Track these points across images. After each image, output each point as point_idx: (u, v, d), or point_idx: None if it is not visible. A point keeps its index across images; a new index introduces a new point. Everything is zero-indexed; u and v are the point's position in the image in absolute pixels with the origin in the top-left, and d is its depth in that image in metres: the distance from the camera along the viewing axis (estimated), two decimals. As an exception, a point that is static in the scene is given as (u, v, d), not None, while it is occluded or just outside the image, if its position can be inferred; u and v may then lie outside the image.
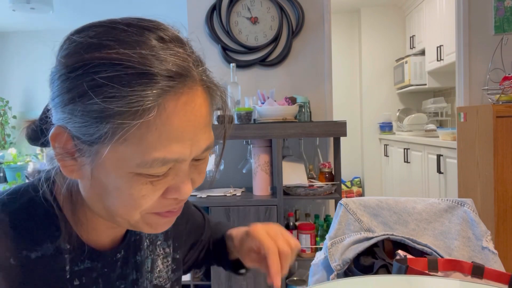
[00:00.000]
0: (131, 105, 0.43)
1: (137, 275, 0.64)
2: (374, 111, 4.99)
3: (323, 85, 2.57)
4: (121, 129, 0.44)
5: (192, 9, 2.59)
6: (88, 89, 0.44)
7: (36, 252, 0.51)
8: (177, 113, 0.45)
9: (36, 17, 4.17)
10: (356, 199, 1.23)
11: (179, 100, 0.45)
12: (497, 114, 2.17)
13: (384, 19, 4.96)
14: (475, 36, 2.67)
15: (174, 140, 0.46)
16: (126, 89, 0.43)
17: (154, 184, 0.48)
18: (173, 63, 0.45)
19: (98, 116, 0.44)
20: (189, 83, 0.47)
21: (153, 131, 0.45)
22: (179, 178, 0.50)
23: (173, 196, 0.51)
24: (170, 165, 0.48)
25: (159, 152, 0.45)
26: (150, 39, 0.46)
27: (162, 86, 0.44)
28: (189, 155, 0.49)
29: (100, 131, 0.44)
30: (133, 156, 0.45)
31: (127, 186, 0.48)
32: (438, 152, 3.26)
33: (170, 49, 0.46)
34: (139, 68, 0.44)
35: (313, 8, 2.56)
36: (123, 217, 0.51)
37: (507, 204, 2.16)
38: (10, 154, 4.47)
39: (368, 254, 1.09)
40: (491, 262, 1.04)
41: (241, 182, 2.54)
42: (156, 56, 0.45)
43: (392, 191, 4.60)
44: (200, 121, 0.48)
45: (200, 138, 0.49)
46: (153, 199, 0.50)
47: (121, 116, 0.43)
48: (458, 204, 1.15)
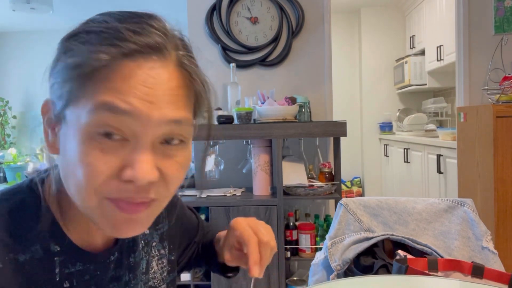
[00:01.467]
0: (88, 61, 0.46)
1: (130, 277, 0.63)
2: (374, 111, 4.99)
3: (323, 85, 2.57)
4: (78, 85, 0.46)
5: (192, 9, 2.59)
6: (62, 53, 0.49)
7: (23, 255, 0.50)
8: (134, 75, 0.46)
9: (36, 17, 4.17)
10: (356, 199, 1.23)
11: (140, 67, 0.47)
12: (497, 114, 2.17)
13: (384, 19, 4.96)
14: (475, 36, 2.67)
15: (128, 93, 0.46)
16: (88, 47, 0.46)
17: (105, 152, 0.46)
18: (140, 39, 0.47)
19: (63, 75, 0.48)
20: (157, 57, 0.48)
21: (106, 85, 0.46)
22: (136, 153, 0.47)
23: (128, 175, 0.46)
24: (121, 119, 0.46)
25: (108, 96, 0.45)
26: (124, 14, 0.50)
27: (124, 50, 0.46)
28: (146, 115, 0.46)
29: (64, 89, 0.48)
30: (85, 108, 0.46)
31: (80, 152, 0.46)
32: (438, 152, 3.26)
33: (142, 30, 0.48)
34: (108, 33, 0.47)
35: (313, 8, 2.56)
36: (80, 200, 0.49)
37: (507, 204, 2.16)
38: (10, 154, 4.47)
39: (368, 254, 1.09)
40: (491, 262, 1.04)
41: (241, 182, 2.54)
42: (130, 28, 0.47)
43: (392, 191, 4.60)
44: (165, 90, 0.48)
45: (161, 106, 0.47)
46: (104, 171, 0.46)
47: (78, 71, 0.46)
48: (458, 204, 1.15)
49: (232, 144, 2.53)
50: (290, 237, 2.23)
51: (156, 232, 0.70)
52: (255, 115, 2.34)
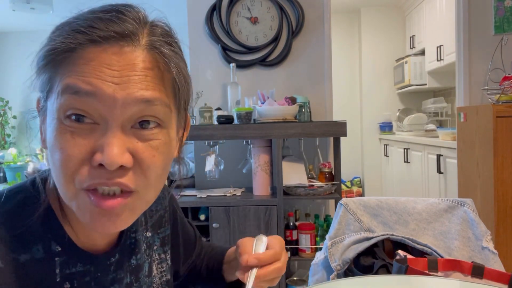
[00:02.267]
0: (56, 47, 0.47)
1: (131, 279, 0.62)
2: (374, 111, 4.99)
3: (323, 85, 2.57)
4: (51, 73, 0.48)
5: (192, 9, 2.59)
6: (41, 46, 0.50)
7: (25, 255, 0.50)
8: (97, 58, 0.46)
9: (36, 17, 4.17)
10: (356, 199, 1.23)
11: (105, 51, 0.47)
12: (497, 114, 2.17)
13: (384, 19, 4.96)
14: (475, 36, 2.67)
15: (90, 75, 0.46)
16: (56, 37, 0.48)
17: (75, 136, 0.46)
18: (110, 28, 0.47)
19: (38, 67, 0.49)
20: (126, 43, 0.48)
21: (71, 69, 0.47)
22: (105, 139, 0.46)
23: (98, 159, 0.45)
24: (85, 100, 0.45)
25: (72, 79, 0.46)
26: (108, 9, 0.50)
27: (90, 37, 0.47)
28: (110, 95, 0.45)
29: (40, 80, 0.50)
30: (56, 94, 0.47)
31: (53, 138, 0.47)
32: (438, 152, 3.26)
33: (114, 19, 0.48)
34: (77, 23, 0.48)
35: (313, 8, 2.56)
36: (61, 193, 0.49)
37: (507, 204, 2.16)
38: (10, 154, 4.47)
39: (368, 254, 1.09)
40: (491, 262, 1.04)
41: (241, 182, 2.54)
42: (99, 17, 0.48)
43: (392, 191, 4.60)
44: (129, 73, 0.47)
45: (129, 87, 0.46)
46: (75, 155, 0.46)
47: (49, 58, 0.48)
48: (458, 204, 1.15)
49: (232, 144, 2.53)
50: (290, 237, 2.23)
51: (158, 236, 0.69)
52: (255, 115, 2.34)
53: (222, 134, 2.19)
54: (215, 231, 2.16)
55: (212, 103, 2.49)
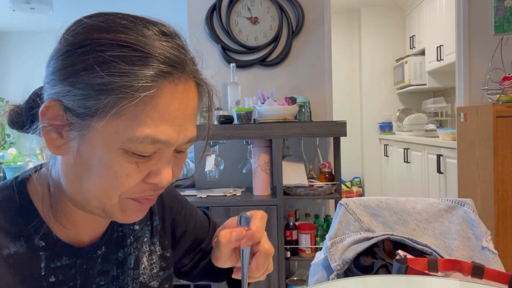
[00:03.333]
0: (132, 82, 0.46)
1: (117, 272, 0.64)
2: (374, 111, 4.99)
3: (323, 85, 2.57)
4: (119, 103, 0.47)
5: (192, 9, 2.59)
6: (94, 63, 0.47)
7: (8, 249, 0.51)
8: (173, 99, 0.49)
9: (36, 17, 4.17)
10: (356, 199, 1.23)
11: (176, 87, 0.49)
12: (497, 114, 2.17)
13: (384, 19, 4.96)
14: (475, 36, 2.67)
15: (166, 122, 0.49)
16: (130, 67, 0.47)
17: (139, 165, 0.50)
18: (172, 53, 0.49)
19: (100, 89, 0.47)
20: (185, 75, 0.50)
21: (149, 110, 0.47)
22: (161, 164, 0.52)
23: (154, 181, 0.52)
24: (158, 146, 0.50)
25: (151, 129, 0.48)
26: (154, 30, 0.50)
27: (162, 70, 0.48)
28: (176, 141, 0.51)
29: (99, 103, 0.47)
30: (126, 131, 0.48)
31: (113, 163, 0.49)
32: (438, 152, 3.26)
33: (170, 41, 0.50)
34: (143, 50, 0.47)
35: (313, 8, 2.56)
36: (101, 199, 0.51)
37: (507, 204, 2.16)
38: (10, 154, 4.47)
39: (368, 254, 1.09)
40: (491, 262, 1.04)
41: (241, 182, 2.54)
42: (158, 45, 0.49)
43: (392, 191, 4.60)
44: (189, 112, 0.52)
45: (187, 128, 0.52)
46: (136, 180, 0.51)
47: (122, 91, 0.46)
48: (458, 204, 1.15)
49: (232, 144, 2.53)
50: (290, 237, 2.23)
51: (148, 227, 0.70)
52: (255, 115, 2.34)
53: (222, 134, 2.19)
54: (215, 231, 2.16)
55: (212, 103, 2.48)
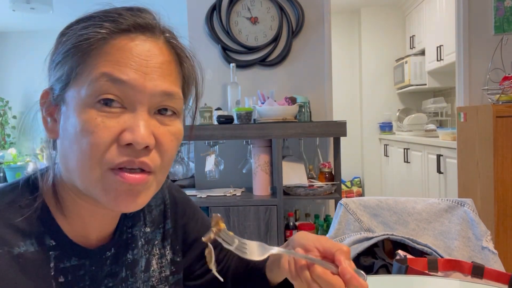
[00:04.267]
0: (84, 40, 0.50)
1: (127, 274, 0.63)
2: (374, 111, 4.99)
3: (323, 85, 2.57)
4: (76, 63, 0.51)
5: (192, 9, 2.59)
6: (58, 42, 0.53)
7: (18, 248, 0.51)
8: (129, 48, 0.51)
9: (36, 17, 4.17)
10: (356, 199, 1.23)
11: (133, 41, 0.51)
12: (497, 114, 2.17)
13: (384, 19, 4.96)
14: (475, 36, 2.67)
15: (125, 65, 0.50)
16: (84, 31, 0.51)
17: (104, 120, 0.49)
18: (135, 19, 0.52)
19: (63, 58, 0.52)
20: (149, 34, 0.53)
21: (103, 59, 0.50)
22: (134, 120, 0.50)
23: (128, 139, 0.49)
24: (122, 88, 0.49)
25: (107, 68, 0.50)
26: (123, 8, 0.54)
27: (116, 27, 0.51)
28: (142, 85, 0.50)
29: (64, 70, 0.52)
30: (86, 81, 0.50)
31: (83, 123, 0.49)
32: (438, 152, 3.26)
33: (130, 11, 0.54)
34: (105, 14, 0.52)
35: (313, 8, 2.56)
36: (83, 175, 0.50)
37: (507, 204, 2.16)
38: (10, 154, 4.47)
39: (368, 254, 1.09)
40: (491, 262, 1.04)
41: (241, 182, 2.54)
42: (119, 11, 0.53)
43: (392, 191, 4.60)
44: (154, 64, 0.52)
45: (155, 78, 0.51)
46: (106, 137, 0.49)
47: (76, 51, 0.50)
48: (458, 204, 1.15)
49: (232, 144, 2.53)
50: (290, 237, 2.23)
51: (159, 230, 0.70)
52: (255, 115, 2.34)
53: (222, 134, 2.19)
54: (215, 231, 2.16)
55: (212, 103, 2.49)
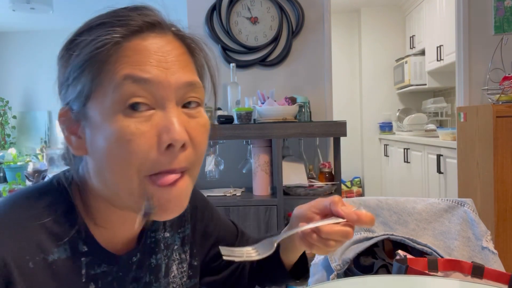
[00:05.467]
0: (98, 47, 0.48)
1: (150, 278, 0.62)
2: (374, 111, 4.99)
3: (323, 85, 2.57)
4: (95, 71, 0.49)
5: (192, 9, 2.59)
6: (71, 53, 0.50)
7: (52, 255, 0.50)
8: (145, 48, 0.50)
9: (36, 17, 4.17)
10: (356, 199, 1.23)
11: (146, 40, 0.50)
12: (497, 114, 2.17)
13: (384, 19, 4.96)
14: (475, 36, 2.67)
15: (144, 63, 0.49)
16: (90, 37, 0.49)
17: (138, 126, 0.48)
18: (141, 17, 0.51)
19: (78, 72, 0.50)
20: (158, 32, 0.52)
21: (122, 62, 0.49)
22: (166, 118, 0.49)
23: (167, 139, 0.48)
24: (147, 87, 0.48)
25: (128, 70, 0.48)
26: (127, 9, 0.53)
27: (127, 30, 0.50)
28: (165, 79, 0.49)
29: (81, 84, 0.49)
30: (110, 88, 0.48)
31: (116, 132, 0.47)
32: (438, 152, 3.26)
33: (143, 12, 0.53)
34: (105, 21, 0.51)
35: (313, 8, 2.56)
36: (123, 186, 0.49)
37: (507, 204, 2.16)
38: (10, 154, 4.46)
39: (368, 254, 1.09)
40: (491, 262, 1.04)
41: (241, 182, 2.53)
42: (124, 12, 0.52)
43: (392, 191, 4.60)
44: (172, 58, 0.51)
45: (175, 71, 0.50)
46: (143, 143, 0.47)
47: (92, 59, 0.49)
48: (458, 204, 1.15)
49: (232, 144, 2.53)
50: (290, 237, 2.23)
51: (178, 235, 0.69)
52: (255, 115, 2.34)
53: (222, 134, 2.19)
54: (215, 231, 2.16)
55: (212, 103, 2.48)
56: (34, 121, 5.12)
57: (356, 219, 0.58)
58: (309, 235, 0.59)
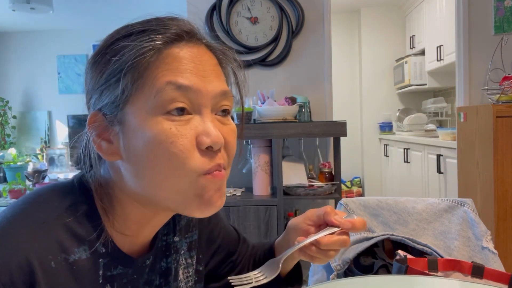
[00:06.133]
0: (138, 53, 0.50)
1: (160, 281, 0.63)
2: (374, 111, 4.99)
3: (323, 85, 2.57)
4: (136, 77, 0.50)
5: (192, 9, 2.58)
6: (109, 57, 0.52)
7: (73, 255, 0.51)
8: (182, 56, 0.52)
9: (36, 17, 4.17)
10: (356, 199, 1.23)
11: (183, 48, 0.53)
12: (497, 114, 2.17)
13: (384, 19, 4.96)
14: (475, 36, 2.67)
15: (184, 71, 0.51)
16: (132, 43, 0.51)
17: (179, 129, 0.50)
18: (178, 26, 0.54)
19: (117, 74, 0.51)
20: (194, 40, 0.54)
21: (163, 68, 0.51)
22: (204, 123, 0.52)
23: (206, 142, 0.50)
24: (187, 94, 0.50)
25: (170, 77, 0.50)
26: (165, 18, 0.55)
27: (168, 37, 0.52)
28: (204, 87, 0.52)
29: (119, 88, 0.51)
30: (150, 94, 0.50)
31: (158, 135, 0.49)
32: (438, 152, 3.26)
33: (173, 19, 0.55)
34: (146, 28, 0.52)
35: (313, 8, 2.56)
36: (173, 185, 0.51)
37: (507, 204, 2.16)
38: (10, 154, 4.46)
39: (368, 254, 1.09)
40: (491, 262, 1.04)
41: (241, 182, 2.54)
42: (163, 21, 0.54)
43: (392, 191, 4.60)
44: (208, 68, 0.54)
45: (212, 80, 0.53)
46: (186, 144, 0.50)
47: (133, 65, 0.50)
48: (458, 204, 1.15)
49: (232, 144, 2.53)
50: (290, 237, 2.23)
51: (185, 240, 0.70)
52: (255, 115, 2.34)
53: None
54: (215, 231, 2.16)
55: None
56: (34, 121, 5.12)
57: (350, 226, 0.61)
58: (309, 249, 0.62)
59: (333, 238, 0.60)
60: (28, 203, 0.52)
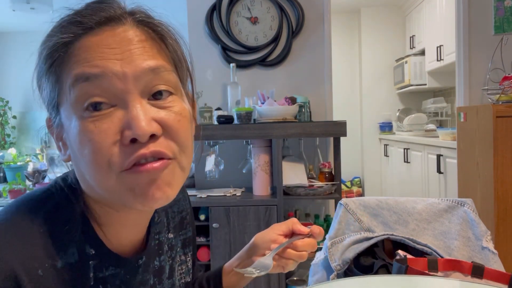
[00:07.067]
0: (50, 52, 0.48)
1: (154, 280, 0.63)
2: (374, 111, 4.99)
3: (323, 85, 2.57)
4: (52, 78, 0.49)
5: (192, 9, 2.58)
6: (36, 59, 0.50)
7: (61, 260, 0.50)
8: (96, 43, 0.47)
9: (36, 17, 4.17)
10: (356, 199, 1.23)
11: (98, 35, 0.48)
12: (497, 114, 2.17)
13: (384, 19, 4.96)
14: (475, 36, 2.67)
15: (94, 59, 0.47)
16: (48, 41, 0.49)
17: (97, 125, 0.46)
18: (98, 13, 0.49)
19: (41, 80, 0.50)
20: (115, 24, 0.49)
21: (72, 63, 0.48)
22: (130, 113, 0.46)
23: (129, 136, 0.46)
24: (100, 83, 0.46)
25: (78, 69, 0.47)
26: (88, 5, 0.51)
27: (84, 26, 0.48)
28: (120, 71, 0.46)
29: (47, 91, 0.50)
30: (67, 93, 0.48)
31: (81, 133, 0.47)
32: (438, 152, 3.26)
33: (100, 7, 0.50)
34: (64, 19, 0.50)
35: (313, 8, 2.56)
36: (100, 184, 0.48)
37: (507, 204, 2.16)
38: (10, 154, 4.46)
39: (368, 254, 1.09)
40: (491, 262, 1.04)
41: (241, 182, 2.53)
42: (83, 9, 0.50)
43: (392, 191, 4.60)
44: (128, 47, 0.48)
45: (133, 59, 0.47)
46: (104, 141, 0.46)
47: (49, 62, 0.49)
48: (458, 204, 1.15)
49: (232, 144, 2.53)
50: (290, 237, 2.23)
51: (180, 237, 0.70)
52: (255, 115, 2.34)
53: (222, 134, 2.19)
54: (215, 231, 2.16)
55: (212, 103, 2.48)
56: (34, 121, 5.12)
57: (318, 232, 0.72)
58: (286, 252, 0.71)
59: (306, 240, 0.72)
60: (9, 212, 0.51)
